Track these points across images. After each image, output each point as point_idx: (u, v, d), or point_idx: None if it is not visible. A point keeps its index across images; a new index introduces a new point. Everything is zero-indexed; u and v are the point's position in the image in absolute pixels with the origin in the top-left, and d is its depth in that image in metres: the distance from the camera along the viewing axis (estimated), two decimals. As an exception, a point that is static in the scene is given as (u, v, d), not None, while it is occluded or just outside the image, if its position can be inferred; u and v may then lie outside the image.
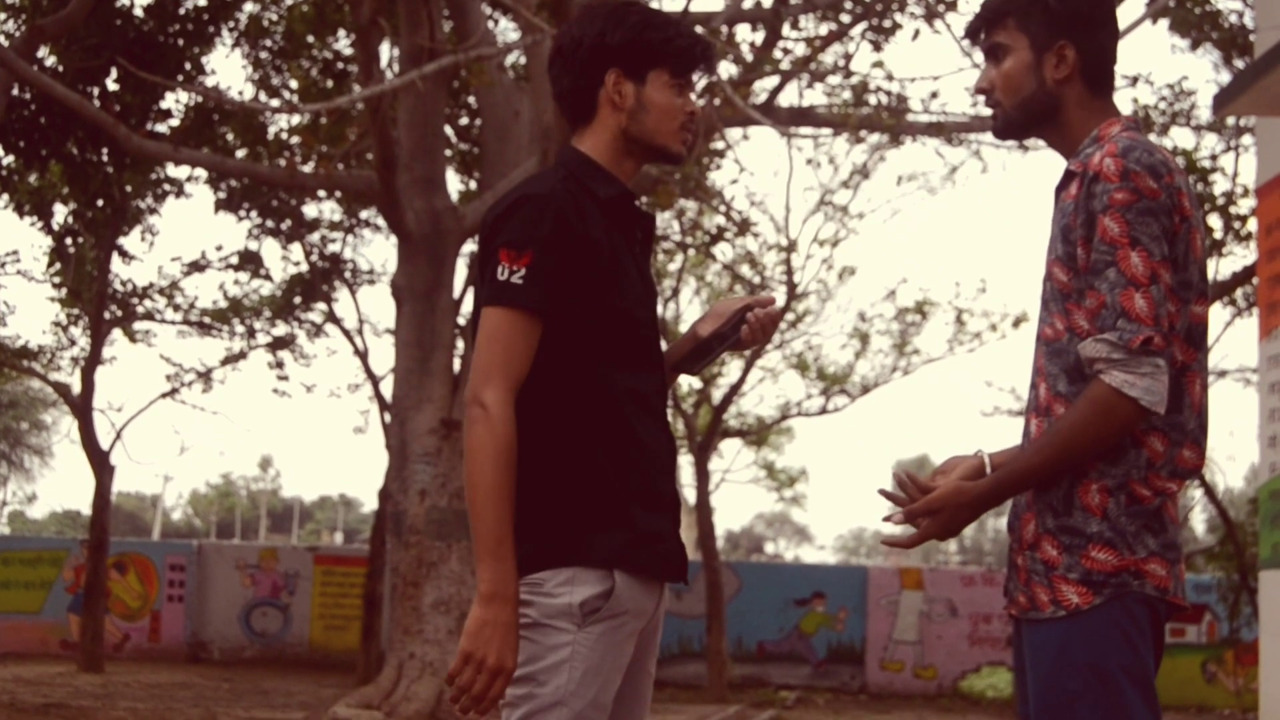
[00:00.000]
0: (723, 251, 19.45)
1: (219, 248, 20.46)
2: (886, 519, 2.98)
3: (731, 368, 20.85)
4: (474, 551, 2.78)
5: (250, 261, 20.26)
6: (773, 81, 14.73)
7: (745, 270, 19.53)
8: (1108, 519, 2.70)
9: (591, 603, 2.78)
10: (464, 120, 17.29)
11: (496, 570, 2.75)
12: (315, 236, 20.22)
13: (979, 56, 3.17)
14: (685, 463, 20.84)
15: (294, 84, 17.32)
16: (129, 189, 17.57)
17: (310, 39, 16.86)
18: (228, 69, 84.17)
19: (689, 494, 20.45)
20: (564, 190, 2.89)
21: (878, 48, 15.06)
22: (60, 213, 18.24)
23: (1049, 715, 2.73)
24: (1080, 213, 2.73)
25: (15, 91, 13.93)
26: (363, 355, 20.45)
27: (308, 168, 14.49)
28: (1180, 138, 32.30)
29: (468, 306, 15.32)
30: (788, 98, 15.33)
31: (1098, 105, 2.91)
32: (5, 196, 17.60)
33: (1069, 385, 2.76)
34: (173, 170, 18.03)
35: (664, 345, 3.16)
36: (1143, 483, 2.72)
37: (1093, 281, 2.70)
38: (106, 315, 19.05)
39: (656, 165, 3.07)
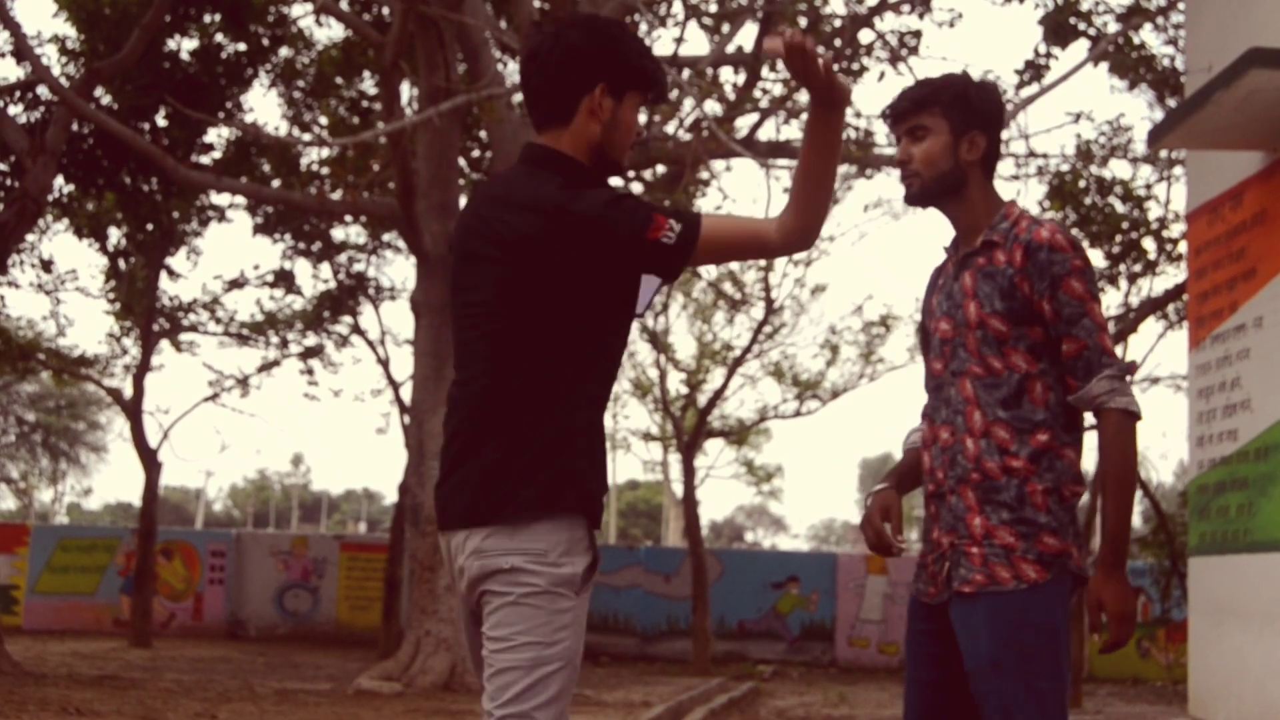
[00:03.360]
0: (707, 270, 19.42)
1: (256, 267, 20.45)
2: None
3: (715, 375, 20.84)
4: None
5: (284, 279, 20.22)
6: (752, 118, 14.72)
7: (728, 287, 19.49)
8: (1050, 513, 3.02)
9: (585, 573, 2.79)
10: (476, 152, 17.24)
11: None
12: (342, 257, 20.21)
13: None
14: (674, 460, 20.78)
15: (324, 120, 17.30)
16: (176, 214, 17.54)
17: (338, 80, 16.85)
18: (264, 107, 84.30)
19: (678, 488, 20.39)
20: None
21: (847, 88, 15.03)
22: (114, 235, 18.20)
23: (1006, 667, 2.95)
24: (1031, 276, 3.03)
25: (75, 127, 13.90)
26: (384, 364, 20.44)
27: (336, 195, 14.46)
28: (1118, 169, 32.32)
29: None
30: (766, 132, 15.34)
31: (989, 187, 3.22)
32: (66, 220, 17.58)
33: (1005, 411, 3.05)
34: (215, 198, 17.99)
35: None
36: (1067, 486, 3.05)
37: (1070, 330, 3.01)
38: (155, 327, 19.00)
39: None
